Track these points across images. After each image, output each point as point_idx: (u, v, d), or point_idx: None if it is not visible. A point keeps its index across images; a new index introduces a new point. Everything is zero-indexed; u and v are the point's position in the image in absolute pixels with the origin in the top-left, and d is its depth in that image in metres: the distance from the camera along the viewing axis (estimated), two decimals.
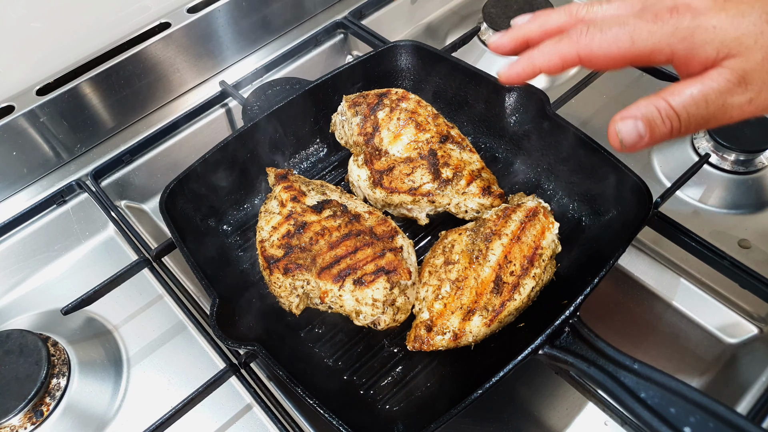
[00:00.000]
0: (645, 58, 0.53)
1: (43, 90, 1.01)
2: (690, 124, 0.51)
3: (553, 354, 0.64)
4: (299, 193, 0.83)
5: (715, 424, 0.51)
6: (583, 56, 0.55)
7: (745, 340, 0.80)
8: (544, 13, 0.63)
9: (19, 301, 0.94)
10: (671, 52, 0.52)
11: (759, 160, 0.96)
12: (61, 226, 1.00)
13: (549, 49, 0.58)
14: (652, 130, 0.52)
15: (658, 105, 0.51)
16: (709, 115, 0.51)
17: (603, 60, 0.55)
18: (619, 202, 0.80)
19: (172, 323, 0.89)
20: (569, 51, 0.56)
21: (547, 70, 0.59)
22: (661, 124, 0.52)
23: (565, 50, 0.56)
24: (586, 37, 0.55)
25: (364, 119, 0.90)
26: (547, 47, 0.58)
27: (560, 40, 0.57)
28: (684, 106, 0.51)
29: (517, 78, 0.61)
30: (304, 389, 0.63)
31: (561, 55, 0.57)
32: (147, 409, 0.81)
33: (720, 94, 0.50)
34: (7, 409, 0.75)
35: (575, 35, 0.56)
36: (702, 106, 0.50)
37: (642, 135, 0.52)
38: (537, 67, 0.59)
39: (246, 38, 1.20)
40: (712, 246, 0.79)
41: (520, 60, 0.60)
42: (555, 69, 0.58)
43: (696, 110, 0.51)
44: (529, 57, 0.60)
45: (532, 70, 0.60)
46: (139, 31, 1.08)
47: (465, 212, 0.85)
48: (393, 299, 0.73)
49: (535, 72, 0.60)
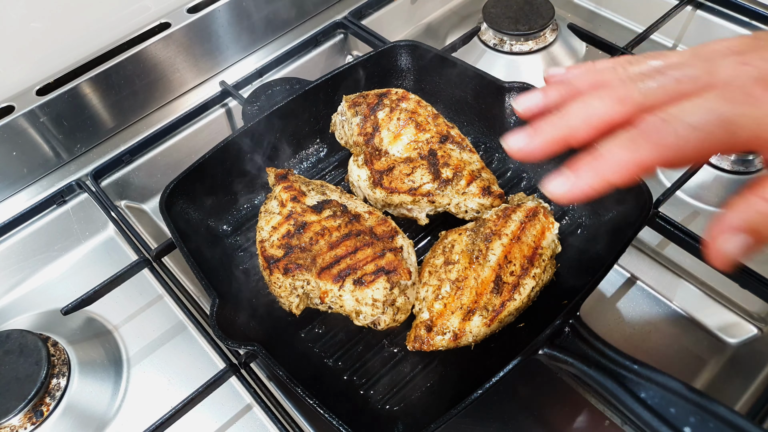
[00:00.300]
0: (742, 148, 0.43)
1: (43, 90, 1.01)
2: None
3: (553, 354, 0.64)
4: (299, 193, 0.83)
5: (715, 424, 0.51)
6: (673, 159, 0.43)
7: (745, 340, 0.80)
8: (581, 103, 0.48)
9: (19, 301, 0.94)
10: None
11: (759, 160, 0.96)
12: (61, 226, 1.00)
13: (622, 159, 0.44)
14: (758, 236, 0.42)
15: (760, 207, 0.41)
16: None
17: (694, 159, 0.43)
18: (619, 202, 0.80)
19: (172, 323, 0.89)
20: (652, 157, 0.43)
21: (621, 183, 0.45)
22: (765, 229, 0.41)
23: (646, 157, 0.43)
24: (672, 137, 0.42)
25: (364, 119, 0.90)
26: (618, 155, 0.44)
27: (635, 144, 0.43)
28: None
29: (584, 198, 0.47)
30: (304, 389, 0.63)
31: (640, 164, 0.43)
32: (147, 409, 0.81)
33: None
34: (7, 409, 0.75)
35: (654, 134, 0.43)
36: None
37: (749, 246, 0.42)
38: (609, 182, 0.45)
39: (246, 38, 1.20)
40: None
41: (584, 175, 0.46)
42: (632, 181, 0.45)
43: None
44: (597, 172, 0.45)
45: (601, 186, 0.45)
46: (139, 31, 1.08)
47: (465, 212, 0.85)
48: (393, 299, 0.73)
49: (605, 189, 0.45)
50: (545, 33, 1.19)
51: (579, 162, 0.46)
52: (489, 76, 0.92)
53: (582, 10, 1.31)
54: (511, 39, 1.18)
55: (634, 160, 0.44)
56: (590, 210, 0.86)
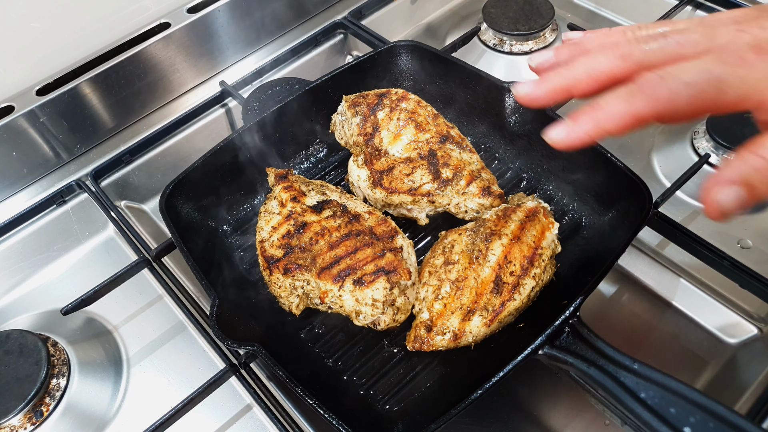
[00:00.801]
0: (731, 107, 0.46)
1: (43, 90, 1.01)
2: None
3: (553, 354, 0.64)
4: (299, 193, 0.83)
5: (715, 424, 0.51)
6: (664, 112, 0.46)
7: (745, 340, 0.80)
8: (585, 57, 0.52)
9: (19, 302, 0.94)
10: (761, 99, 0.45)
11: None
12: (60, 226, 1.00)
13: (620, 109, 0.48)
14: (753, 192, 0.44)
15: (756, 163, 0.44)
16: None
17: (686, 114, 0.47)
18: (619, 202, 0.80)
19: (172, 323, 0.89)
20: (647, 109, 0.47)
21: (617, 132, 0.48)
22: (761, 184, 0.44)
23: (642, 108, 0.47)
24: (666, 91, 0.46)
25: (364, 119, 0.90)
26: (616, 106, 0.48)
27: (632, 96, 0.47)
28: None
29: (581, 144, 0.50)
30: (304, 389, 0.63)
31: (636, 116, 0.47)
32: (147, 409, 0.81)
33: None
34: (7, 410, 0.75)
35: (649, 88, 0.46)
36: None
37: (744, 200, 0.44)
38: (606, 131, 0.49)
39: (246, 38, 1.20)
40: (712, 246, 0.79)
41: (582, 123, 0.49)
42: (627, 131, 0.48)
43: None
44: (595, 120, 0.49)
45: (598, 135, 0.49)
46: (139, 31, 1.08)
47: (465, 212, 0.85)
48: (393, 299, 0.73)
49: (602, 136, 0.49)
50: (545, 33, 1.19)
51: (578, 112, 0.50)
52: (489, 76, 0.92)
53: (582, 10, 1.31)
54: (511, 39, 1.18)
55: (630, 110, 0.47)
56: (590, 210, 0.86)
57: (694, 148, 1.00)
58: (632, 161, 0.80)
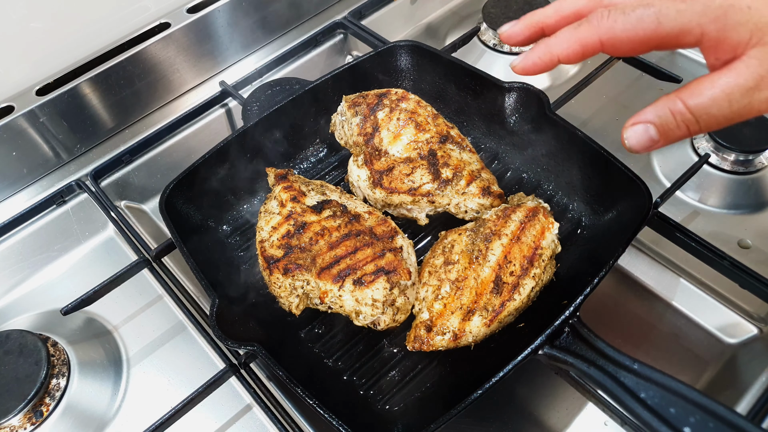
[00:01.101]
0: (672, 41, 0.49)
1: (43, 90, 1.01)
2: (710, 125, 0.48)
3: (553, 354, 0.64)
4: (299, 193, 0.83)
5: (715, 424, 0.51)
6: (606, 41, 0.51)
7: (745, 340, 0.80)
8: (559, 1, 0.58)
9: (19, 302, 0.94)
10: (701, 33, 0.48)
11: (759, 160, 0.96)
12: (60, 226, 1.00)
13: (568, 36, 0.53)
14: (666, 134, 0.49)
15: (674, 108, 0.48)
16: (732, 114, 0.47)
17: (627, 44, 0.51)
18: (619, 202, 0.80)
19: (172, 323, 0.89)
20: (590, 36, 0.52)
21: (566, 59, 0.54)
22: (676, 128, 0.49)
23: (586, 36, 0.52)
24: (607, 20, 0.51)
25: (363, 119, 0.90)
26: (565, 34, 0.54)
27: (579, 26, 0.53)
28: (704, 107, 0.47)
29: (533, 68, 0.56)
30: (303, 389, 0.63)
31: (581, 42, 0.53)
32: (147, 409, 0.81)
33: (746, 92, 0.46)
34: (7, 410, 0.75)
35: (596, 20, 0.52)
36: (724, 106, 0.47)
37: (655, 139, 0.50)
38: (555, 55, 0.55)
39: (246, 38, 1.20)
40: (711, 246, 0.79)
41: (536, 48, 0.56)
42: (575, 57, 0.54)
43: (718, 111, 0.47)
44: (546, 45, 0.55)
45: (549, 59, 0.55)
46: (138, 31, 1.08)
47: (465, 212, 0.85)
48: (393, 299, 0.73)
49: (553, 62, 0.55)
50: None
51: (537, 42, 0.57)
52: (489, 76, 0.92)
53: None
54: None
55: (575, 37, 0.53)
56: (590, 210, 0.86)
57: (694, 148, 1.00)
58: (632, 161, 0.80)
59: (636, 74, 1.11)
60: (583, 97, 1.03)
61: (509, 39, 0.61)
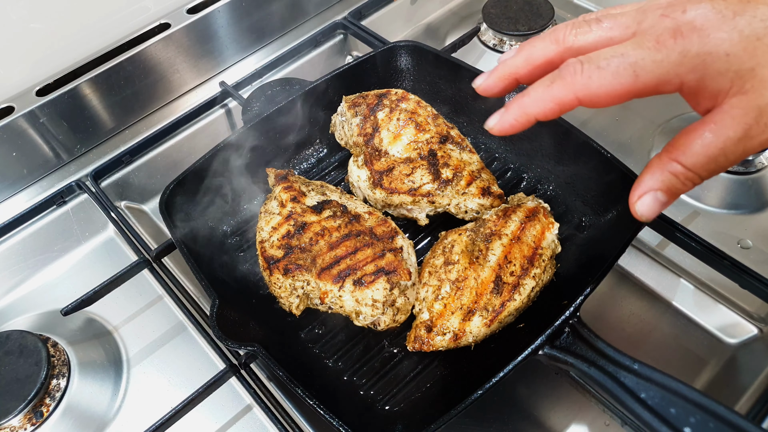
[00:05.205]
0: (651, 91, 0.48)
1: (43, 91, 1.01)
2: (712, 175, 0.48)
3: (553, 354, 0.64)
4: (299, 193, 0.83)
5: (715, 424, 0.51)
6: (582, 98, 0.49)
7: (745, 340, 0.80)
8: (528, 44, 0.56)
9: (19, 302, 0.94)
10: (680, 82, 0.47)
11: (759, 160, 0.96)
12: (60, 226, 1.00)
13: (542, 95, 0.51)
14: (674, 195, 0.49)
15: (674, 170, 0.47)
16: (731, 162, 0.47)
17: (605, 99, 0.49)
18: (619, 202, 0.80)
19: (172, 324, 0.89)
20: (566, 95, 0.50)
21: (543, 117, 0.52)
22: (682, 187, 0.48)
23: (561, 94, 0.50)
24: (581, 76, 0.48)
25: (363, 120, 0.90)
26: (539, 92, 0.51)
27: (552, 83, 0.50)
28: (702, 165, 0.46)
29: (511, 129, 0.54)
30: (304, 390, 0.63)
31: (556, 101, 0.50)
32: (147, 409, 0.81)
33: (738, 143, 0.45)
34: (7, 410, 0.75)
35: (569, 75, 0.49)
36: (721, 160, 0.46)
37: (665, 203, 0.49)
38: (531, 116, 0.52)
39: (246, 38, 1.20)
40: (711, 246, 0.79)
41: (511, 109, 0.54)
42: (552, 115, 0.52)
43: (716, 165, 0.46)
44: (521, 106, 0.53)
45: (526, 119, 0.53)
46: (139, 31, 1.08)
47: (465, 212, 0.85)
48: (393, 300, 0.73)
49: (529, 122, 0.53)
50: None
51: (511, 100, 0.54)
52: None
53: (582, 11, 1.31)
54: (510, 39, 1.18)
55: (550, 96, 0.50)
56: (590, 210, 0.86)
57: None
58: (632, 161, 0.80)
59: None
60: None
61: (485, 92, 0.59)
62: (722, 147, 0.46)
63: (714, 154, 0.46)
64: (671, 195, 0.49)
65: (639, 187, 0.50)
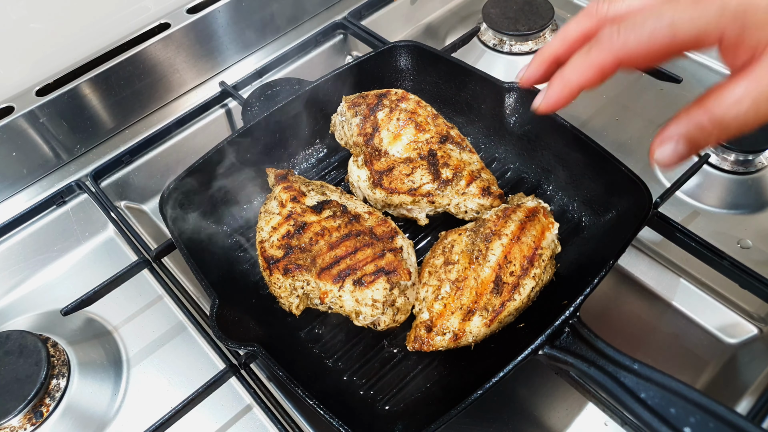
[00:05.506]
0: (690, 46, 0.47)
1: (43, 91, 1.01)
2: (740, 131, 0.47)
3: (553, 354, 0.64)
4: (299, 193, 0.83)
5: (715, 424, 0.51)
6: (622, 59, 0.49)
7: (745, 340, 0.80)
8: (562, 28, 0.57)
9: (19, 302, 0.94)
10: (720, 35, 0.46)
11: (759, 160, 0.96)
12: (60, 226, 1.00)
13: (581, 62, 0.51)
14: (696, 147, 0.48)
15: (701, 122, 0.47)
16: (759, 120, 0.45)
17: (645, 58, 0.49)
18: (619, 202, 0.80)
19: (172, 324, 0.89)
20: (605, 58, 0.50)
21: (586, 85, 0.52)
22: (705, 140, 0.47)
23: (600, 58, 0.50)
24: (619, 38, 0.48)
25: (363, 120, 0.90)
26: (578, 61, 0.52)
27: (590, 49, 0.51)
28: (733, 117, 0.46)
29: (556, 104, 0.55)
30: (304, 390, 0.63)
31: (596, 65, 0.50)
32: (147, 409, 0.81)
33: None
34: (7, 410, 0.75)
35: (606, 39, 0.49)
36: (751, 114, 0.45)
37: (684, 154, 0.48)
38: (574, 85, 0.52)
39: (246, 38, 1.20)
40: (711, 246, 0.79)
41: (554, 84, 0.54)
42: (595, 81, 0.51)
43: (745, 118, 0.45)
44: (561, 77, 0.53)
45: (570, 91, 0.53)
46: (138, 31, 1.08)
47: (465, 212, 0.85)
48: (393, 300, 0.73)
49: (573, 93, 0.53)
50: (545, 33, 1.19)
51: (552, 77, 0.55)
52: (489, 76, 0.92)
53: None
54: (510, 39, 1.18)
55: (590, 62, 0.51)
56: (590, 210, 0.86)
57: None
58: (632, 161, 0.80)
59: (636, 74, 1.11)
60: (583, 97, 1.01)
61: (528, 81, 0.59)
62: (754, 99, 0.45)
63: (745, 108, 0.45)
64: (692, 147, 0.48)
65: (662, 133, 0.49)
